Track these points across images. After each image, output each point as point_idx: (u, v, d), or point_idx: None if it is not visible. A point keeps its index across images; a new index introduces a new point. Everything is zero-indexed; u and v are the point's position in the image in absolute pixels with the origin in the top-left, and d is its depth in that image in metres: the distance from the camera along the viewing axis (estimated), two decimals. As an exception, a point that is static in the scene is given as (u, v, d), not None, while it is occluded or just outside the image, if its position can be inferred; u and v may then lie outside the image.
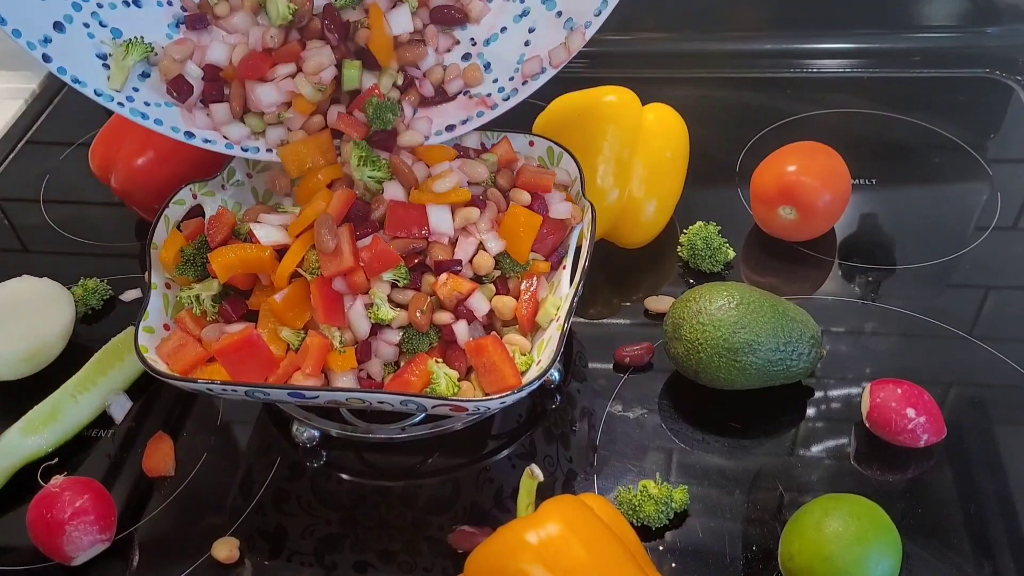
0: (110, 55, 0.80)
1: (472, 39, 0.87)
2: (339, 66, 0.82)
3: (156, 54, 0.83)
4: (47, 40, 0.77)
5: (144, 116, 0.81)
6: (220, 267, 0.76)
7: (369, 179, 0.77)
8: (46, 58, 0.77)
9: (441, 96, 0.86)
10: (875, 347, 0.87)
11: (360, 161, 0.77)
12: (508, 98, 0.86)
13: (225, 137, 0.83)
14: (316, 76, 0.80)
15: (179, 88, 0.82)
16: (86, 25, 0.79)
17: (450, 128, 0.85)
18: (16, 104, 1.27)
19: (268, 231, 0.77)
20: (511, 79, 0.86)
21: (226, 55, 0.83)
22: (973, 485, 0.75)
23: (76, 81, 0.78)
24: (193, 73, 0.83)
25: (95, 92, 0.79)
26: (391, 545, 0.76)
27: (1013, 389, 0.82)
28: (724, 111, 1.17)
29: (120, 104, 0.80)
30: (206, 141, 0.83)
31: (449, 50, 0.87)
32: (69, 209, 1.12)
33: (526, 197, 0.80)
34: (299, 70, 0.82)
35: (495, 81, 0.86)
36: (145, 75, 0.83)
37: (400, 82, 0.84)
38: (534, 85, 0.85)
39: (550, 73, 0.84)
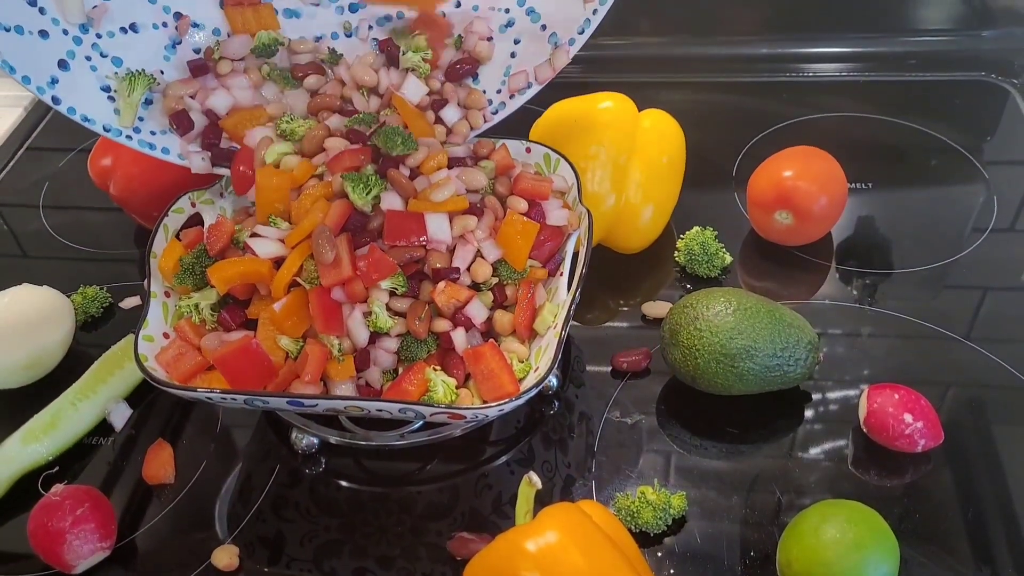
0: (114, 90, 0.82)
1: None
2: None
3: (158, 83, 0.85)
4: (54, 81, 0.79)
5: (151, 147, 0.84)
6: (219, 281, 0.77)
7: (372, 200, 0.77)
8: (55, 100, 0.79)
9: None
10: (872, 351, 0.87)
11: (356, 193, 0.77)
12: (496, 111, 0.88)
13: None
14: (325, 155, 0.82)
15: (180, 123, 0.84)
16: (88, 59, 0.81)
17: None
18: (16, 112, 1.27)
19: (266, 245, 0.77)
20: (498, 92, 0.88)
21: (227, 104, 0.86)
22: (971, 489, 0.76)
23: (86, 120, 0.80)
24: (195, 107, 0.85)
25: (104, 128, 0.81)
26: (390, 551, 0.76)
27: (1009, 392, 0.83)
28: (720, 116, 1.18)
29: (128, 137, 0.83)
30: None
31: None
32: (68, 216, 1.12)
33: (523, 204, 0.80)
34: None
35: (483, 92, 0.88)
36: (148, 102, 0.84)
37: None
38: (520, 100, 0.87)
39: (535, 89, 0.87)
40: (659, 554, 0.74)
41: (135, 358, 0.74)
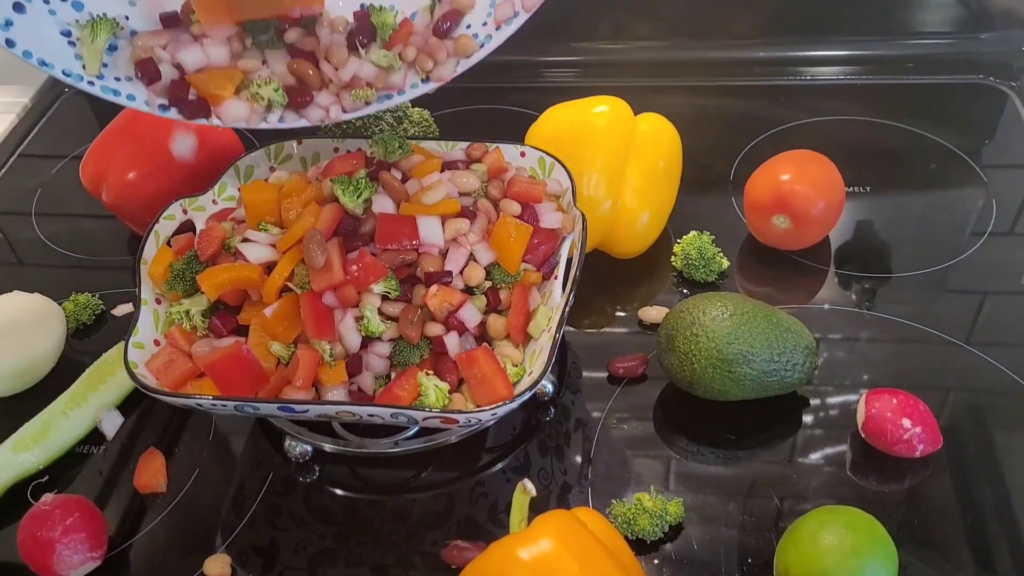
0: (77, 37, 0.78)
1: None
2: None
3: (123, 28, 0.79)
4: (8, 24, 0.74)
5: (116, 93, 0.79)
6: (210, 287, 0.76)
7: (363, 203, 0.76)
8: (9, 43, 0.74)
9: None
10: (871, 356, 0.87)
11: (347, 196, 0.76)
12: (483, 44, 0.81)
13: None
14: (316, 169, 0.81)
15: (147, 71, 0.79)
16: (46, 1, 0.77)
17: (425, 82, 0.82)
18: (8, 119, 1.27)
19: (257, 250, 0.77)
20: (484, 24, 0.81)
21: (199, 63, 0.80)
22: (970, 495, 0.75)
23: (43, 64, 0.76)
24: (165, 59, 0.79)
25: (63, 73, 0.77)
26: (385, 560, 0.75)
27: (1009, 396, 0.82)
28: (718, 119, 1.17)
29: (90, 83, 0.78)
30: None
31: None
32: (61, 223, 1.11)
33: (516, 207, 0.80)
34: None
35: (468, 27, 0.82)
36: (112, 48, 0.79)
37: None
38: (508, 30, 0.80)
39: (523, 18, 0.80)
40: (656, 561, 0.73)
41: (125, 365, 0.74)
